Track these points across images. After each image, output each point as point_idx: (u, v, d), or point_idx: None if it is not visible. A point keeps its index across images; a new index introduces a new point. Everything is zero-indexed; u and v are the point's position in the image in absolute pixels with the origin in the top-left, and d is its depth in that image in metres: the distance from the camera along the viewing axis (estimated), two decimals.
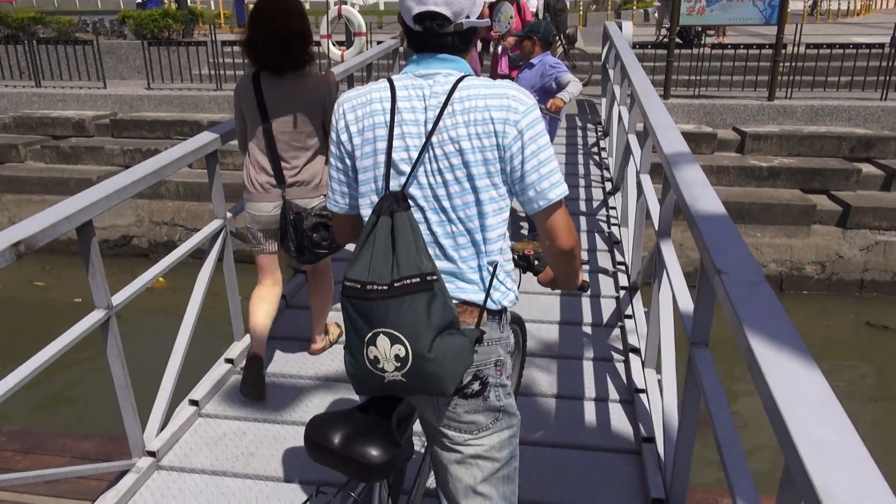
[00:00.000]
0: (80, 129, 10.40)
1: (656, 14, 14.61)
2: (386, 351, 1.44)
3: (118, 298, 2.55)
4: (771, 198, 7.91)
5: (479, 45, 6.79)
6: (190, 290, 3.17)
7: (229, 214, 3.38)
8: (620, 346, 3.56)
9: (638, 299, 3.95)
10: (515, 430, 1.68)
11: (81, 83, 11.40)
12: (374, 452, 1.50)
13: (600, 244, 5.01)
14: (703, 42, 11.83)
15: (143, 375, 3.27)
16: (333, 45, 9.69)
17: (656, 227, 3.06)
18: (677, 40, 9.98)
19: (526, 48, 4.53)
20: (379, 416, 1.61)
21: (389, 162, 1.53)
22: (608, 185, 6.22)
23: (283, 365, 3.43)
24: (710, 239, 1.84)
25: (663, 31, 12.63)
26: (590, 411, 3.02)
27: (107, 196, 2.44)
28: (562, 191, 1.54)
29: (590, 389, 3.18)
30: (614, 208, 5.37)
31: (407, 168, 1.52)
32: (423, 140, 1.50)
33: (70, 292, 7.54)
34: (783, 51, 9.31)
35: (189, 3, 23.61)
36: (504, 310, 1.64)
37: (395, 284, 1.43)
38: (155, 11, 12.99)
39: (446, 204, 1.52)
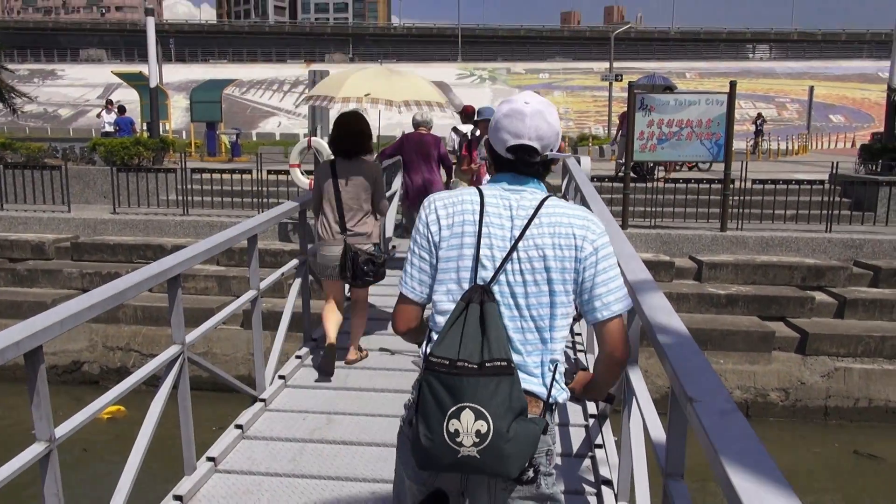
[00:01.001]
0: (38, 251, 10.25)
1: (614, 150, 15.48)
2: (469, 426, 1.57)
3: (62, 430, 2.37)
4: (731, 325, 8.05)
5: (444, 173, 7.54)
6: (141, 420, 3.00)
7: (189, 339, 3.28)
8: (592, 478, 3.42)
9: (608, 427, 3.84)
10: None
11: (46, 207, 11.38)
12: None
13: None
14: (655, 177, 12.51)
15: None
16: (302, 174, 9.96)
17: None
18: (632, 174, 10.51)
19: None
20: None
21: (478, 257, 1.74)
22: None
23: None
24: (679, 367, 1.81)
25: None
26: None
27: (60, 321, 2.33)
28: (626, 304, 1.79)
29: None
30: (579, 334, 5.38)
31: (490, 265, 1.73)
32: (509, 243, 1.74)
33: (9, 421, 7.10)
34: (732, 185, 9.84)
35: (161, 133, 24.35)
36: (556, 405, 1.80)
37: (487, 364, 1.61)
38: (126, 140, 13.28)
39: (522, 302, 1.73)
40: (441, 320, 1.76)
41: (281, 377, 4.51)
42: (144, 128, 23.58)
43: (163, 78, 36.81)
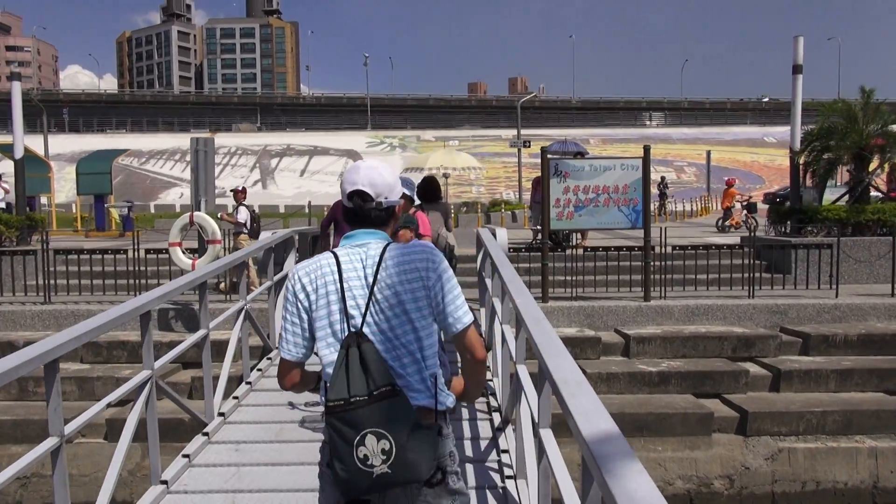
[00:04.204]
0: None
1: (530, 218, 15.00)
2: (374, 447, 1.85)
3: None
4: (666, 406, 7.35)
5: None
6: None
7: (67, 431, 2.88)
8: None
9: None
10: None
11: None
12: None
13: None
14: (571, 244, 12.01)
15: None
16: (184, 253, 8.73)
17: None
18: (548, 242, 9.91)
19: (406, 235, 5.66)
20: None
21: (346, 309, 2.02)
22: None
23: None
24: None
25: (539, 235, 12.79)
26: None
27: None
28: (470, 317, 2.09)
29: None
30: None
31: (356, 312, 2.02)
32: (367, 290, 2.03)
33: None
34: (652, 252, 9.39)
35: (40, 208, 22.29)
36: (447, 410, 2.11)
37: (374, 393, 1.89)
38: None
39: (390, 334, 2.02)
40: (329, 370, 1.98)
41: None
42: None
43: (48, 149, 34.57)
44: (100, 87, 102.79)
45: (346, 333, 1.98)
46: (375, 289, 2.01)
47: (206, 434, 4.26)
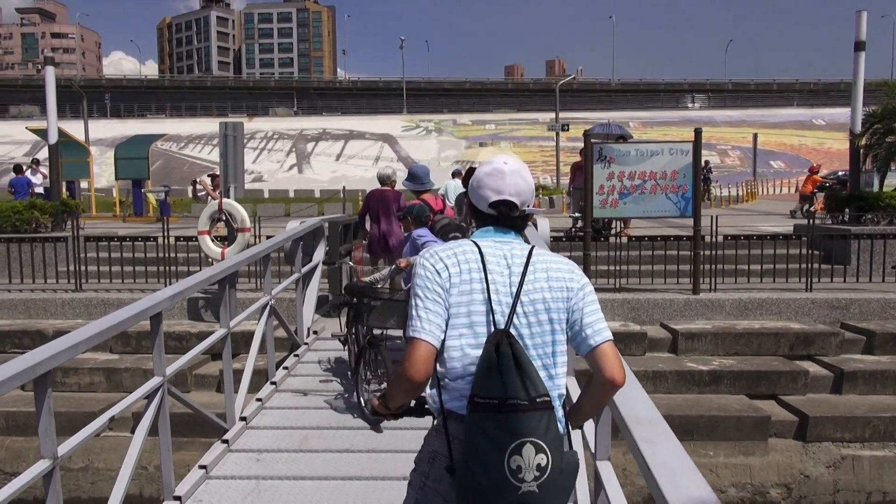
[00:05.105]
0: None
1: (569, 204, 14.47)
2: (530, 460, 1.66)
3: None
4: (719, 408, 6.87)
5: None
6: None
7: (62, 452, 2.58)
8: None
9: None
10: None
11: None
12: None
13: None
14: (613, 232, 11.47)
15: None
16: (213, 241, 8.49)
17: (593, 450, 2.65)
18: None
19: (406, 224, 5.94)
20: None
21: (491, 300, 1.86)
22: None
23: None
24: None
25: (578, 223, 12.27)
26: None
27: None
28: (610, 334, 1.94)
29: None
30: None
31: (499, 310, 1.86)
32: (510, 289, 1.89)
33: None
34: (703, 242, 8.84)
35: (79, 193, 22.50)
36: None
37: (537, 400, 1.72)
38: (19, 203, 11.63)
39: (529, 342, 1.87)
40: (456, 365, 1.83)
41: None
42: (64, 187, 21.85)
43: (89, 134, 35.02)
44: (141, 73, 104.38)
45: (492, 330, 1.83)
46: (522, 292, 1.89)
47: (226, 441, 3.96)
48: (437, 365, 1.86)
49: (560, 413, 1.85)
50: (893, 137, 11.41)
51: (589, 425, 2.71)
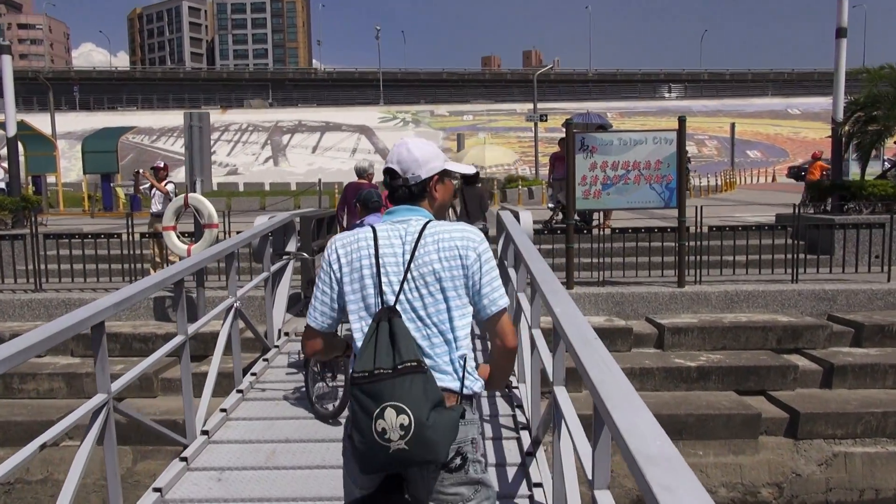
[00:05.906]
0: None
1: (550, 196, 14.19)
2: (392, 421, 1.79)
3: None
4: (708, 406, 6.65)
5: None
6: None
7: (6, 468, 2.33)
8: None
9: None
10: (493, 500, 2.07)
11: None
12: None
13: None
14: (594, 224, 11.22)
15: None
16: (178, 237, 8.07)
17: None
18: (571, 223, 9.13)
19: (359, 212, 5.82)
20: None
21: (380, 284, 2.00)
22: None
23: None
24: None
25: (558, 213, 12.00)
26: None
27: None
28: (506, 301, 2.07)
29: None
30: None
31: (389, 290, 1.99)
32: (402, 267, 2.01)
33: None
34: (687, 233, 8.61)
35: (46, 189, 21.77)
36: (474, 395, 2.07)
37: (398, 367, 1.85)
38: None
39: (423, 313, 1.99)
40: (359, 345, 1.98)
41: None
42: (29, 182, 21.11)
43: (57, 128, 34.01)
44: (112, 65, 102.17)
45: (379, 308, 1.97)
46: (412, 266, 1.99)
47: (185, 459, 3.61)
48: (353, 343, 2.06)
49: (458, 375, 1.98)
50: (876, 125, 11.28)
51: (585, 450, 2.42)
